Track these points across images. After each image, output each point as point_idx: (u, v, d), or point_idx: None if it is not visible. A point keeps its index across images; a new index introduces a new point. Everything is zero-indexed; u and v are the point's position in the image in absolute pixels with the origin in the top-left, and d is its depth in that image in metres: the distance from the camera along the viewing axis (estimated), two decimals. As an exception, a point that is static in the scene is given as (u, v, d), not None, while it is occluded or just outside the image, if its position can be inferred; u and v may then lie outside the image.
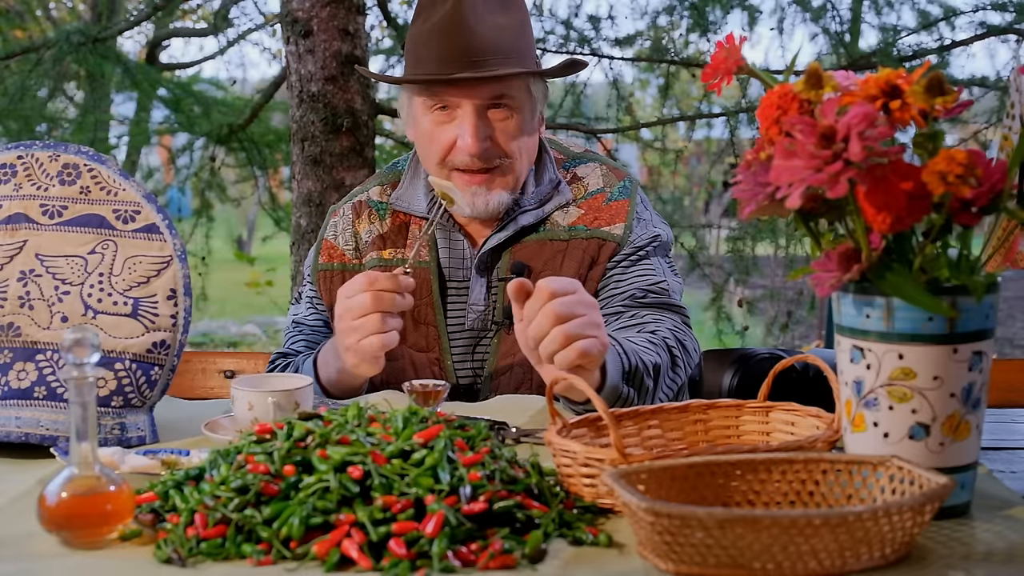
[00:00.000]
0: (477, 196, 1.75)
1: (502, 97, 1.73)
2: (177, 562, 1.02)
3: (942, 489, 0.99)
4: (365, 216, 1.89)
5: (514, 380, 1.78)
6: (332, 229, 1.91)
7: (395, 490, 1.05)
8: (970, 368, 1.08)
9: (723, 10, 4.63)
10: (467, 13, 1.69)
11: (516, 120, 1.75)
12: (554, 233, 1.81)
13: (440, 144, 1.75)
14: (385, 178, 1.93)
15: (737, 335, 4.95)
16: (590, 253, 1.79)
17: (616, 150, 4.90)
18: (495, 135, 1.74)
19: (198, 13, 7.94)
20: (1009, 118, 1.24)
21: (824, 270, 1.09)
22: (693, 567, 0.97)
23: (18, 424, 1.40)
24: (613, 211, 1.82)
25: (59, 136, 4.96)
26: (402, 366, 1.81)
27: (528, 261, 1.79)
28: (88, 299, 1.46)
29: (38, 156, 1.52)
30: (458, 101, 1.73)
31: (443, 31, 1.70)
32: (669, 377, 1.67)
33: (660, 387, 1.64)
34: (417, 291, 1.79)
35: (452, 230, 1.84)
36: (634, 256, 1.80)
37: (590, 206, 1.83)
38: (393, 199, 1.88)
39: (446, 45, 1.70)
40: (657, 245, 1.83)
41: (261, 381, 1.51)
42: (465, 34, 1.69)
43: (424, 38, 1.73)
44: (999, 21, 4.49)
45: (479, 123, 1.72)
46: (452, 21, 1.69)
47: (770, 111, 1.10)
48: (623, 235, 1.80)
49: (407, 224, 1.87)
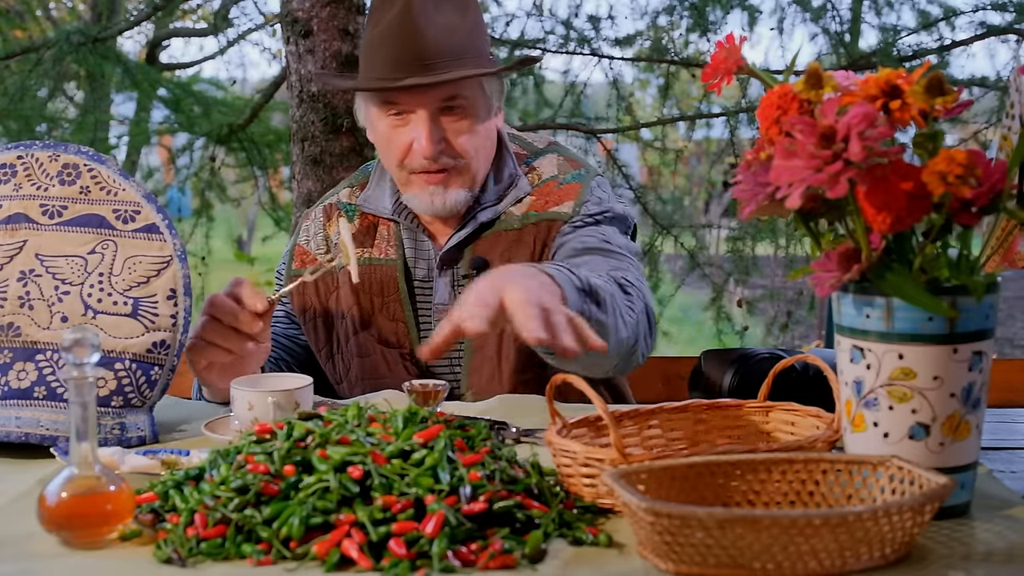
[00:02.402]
0: (435, 196, 1.77)
1: (455, 98, 1.73)
2: (177, 562, 1.02)
3: (942, 489, 0.99)
4: (335, 218, 1.91)
5: (484, 375, 1.78)
6: (304, 234, 1.93)
7: (395, 490, 1.05)
8: (970, 368, 1.08)
9: (723, 10, 4.63)
10: (417, 16, 1.69)
11: (469, 120, 1.76)
12: (508, 223, 1.82)
13: (397, 147, 1.77)
14: (355, 180, 1.96)
15: (737, 335, 4.94)
16: (541, 237, 1.79)
17: (616, 150, 4.89)
18: (449, 137, 1.75)
19: (198, 13, 7.94)
20: (1009, 118, 1.24)
21: (824, 270, 1.09)
22: (693, 567, 0.97)
23: (18, 424, 1.40)
24: (563, 192, 1.82)
25: (59, 136, 4.96)
26: (374, 362, 1.84)
27: (485, 255, 1.81)
28: (88, 299, 1.46)
29: (38, 156, 1.52)
30: (411, 107, 1.74)
31: (393, 35, 1.70)
32: (626, 302, 1.61)
33: (619, 310, 1.57)
34: (385, 288, 1.84)
35: (417, 230, 1.86)
36: (581, 224, 1.78)
37: (541, 192, 1.84)
38: (361, 200, 1.90)
39: (396, 49, 1.70)
40: (612, 217, 1.81)
41: (261, 381, 1.51)
42: (415, 37, 1.69)
43: (376, 43, 1.73)
44: (999, 21, 4.48)
45: (432, 127, 1.73)
46: (401, 25, 1.69)
47: (770, 111, 1.10)
48: (571, 212, 1.80)
49: (375, 225, 1.89)
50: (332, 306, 1.87)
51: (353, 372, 1.85)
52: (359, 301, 1.85)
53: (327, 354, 1.88)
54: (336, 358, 1.88)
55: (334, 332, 1.87)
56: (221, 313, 1.56)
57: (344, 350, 1.87)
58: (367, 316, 1.85)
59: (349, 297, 1.85)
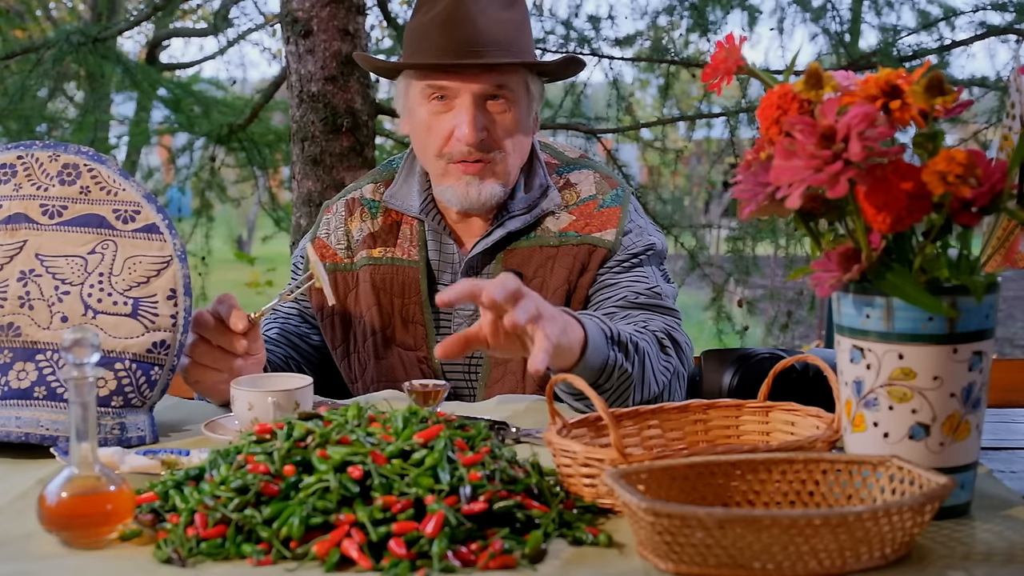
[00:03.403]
0: (471, 186, 1.76)
1: (501, 88, 1.73)
2: (177, 562, 1.02)
3: (942, 489, 0.99)
4: (357, 214, 1.89)
5: (507, 385, 1.78)
6: (325, 227, 1.91)
7: (395, 490, 1.05)
8: (970, 368, 1.08)
9: (723, 10, 4.63)
10: (469, 5, 1.71)
11: (513, 114, 1.76)
12: (544, 239, 1.80)
13: (437, 135, 1.76)
14: (379, 175, 1.93)
15: (737, 335, 4.95)
16: (580, 259, 1.78)
17: (616, 150, 4.89)
18: (492, 127, 1.75)
19: (198, 13, 7.94)
20: (1009, 118, 1.24)
21: (824, 270, 1.09)
22: (693, 567, 0.98)
23: (18, 424, 1.40)
24: (605, 217, 1.81)
25: (59, 136, 4.96)
26: (391, 364, 1.83)
27: (519, 267, 1.79)
28: (88, 299, 1.46)
29: (38, 156, 1.52)
30: (457, 90, 1.73)
31: (444, 22, 1.71)
32: (662, 362, 1.65)
33: (652, 368, 1.61)
34: (406, 289, 1.82)
35: (442, 232, 1.85)
36: (627, 263, 1.79)
37: (581, 212, 1.82)
38: (386, 197, 1.87)
39: (447, 35, 1.71)
40: (652, 253, 1.82)
41: (261, 381, 1.51)
42: (466, 25, 1.70)
43: (424, 29, 1.74)
44: (999, 21, 4.48)
45: (477, 113, 1.73)
46: (453, 12, 1.71)
47: (770, 111, 1.10)
48: (614, 241, 1.79)
49: (399, 223, 1.87)
50: (351, 304, 1.86)
51: (369, 373, 1.84)
52: (379, 301, 1.83)
53: (343, 352, 1.87)
54: (352, 358, 1.86)
55: (351, 331, 1.86)
56: (206, 332, 1.56)
57: (361, 350, 1.85)
58: (386, 317, 1.83)
59: (369, 297, 1.83)
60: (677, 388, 1.71)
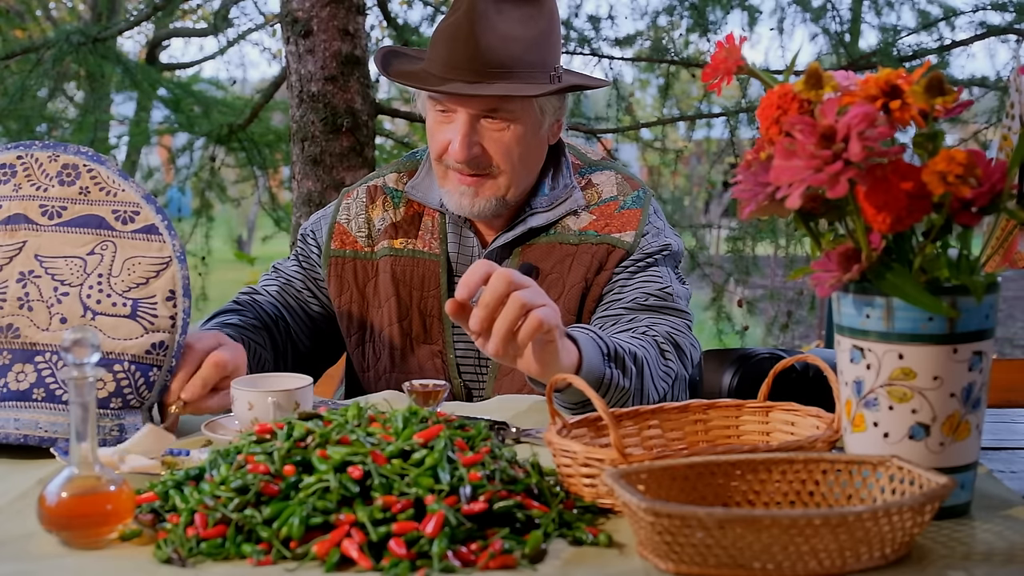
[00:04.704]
0: (464, 196, 1.76)
1: (497, 110, 1.72)
2: (177, 562, 1.02)
3: (942, 489, 0.99)
4: (379, 202, 1.89)
5: (517, 378, 1.78)
6: (345, 212, 1.91)
7: (395, 490, 1.05)
8: (970, 368, 1.08)
9: (723, 10, 4.63)
10: (478, 20, 1.69)
11: (513, 131, 1.74)
12: (564, 237, 1.81)
13: (438, 141, 1.77)
14: (403, 166, 1.93)
15: (737, 335, 4.95)
16: (598, 258, 1.79)
17: (616, 150, 4.90)
18: (486, 144, 1.74)
19: (198, 13, 7.95)
20: (1009, 118, 1.24)
21: (824, 270, 1.09)
22: (693, 567, 0.97)
23: (17, 426, 1.39)
24: (625, 219, 1.82)
25: (59, 136, 4.96)
26: (405, 355, 1.83)
27: (537, 263, 1.80)
28: (87, 300, 1.46)
29: (38, 156, 1.52)
30: (454, 107, 1.74)
31: (452, 35, 1.71)
32: (661, 369, 1.65)
33: (652, 376, 1.61)
34: (425, 283, 1.83)
35: (463, 225, 1.85)
36: (642, 263, 1.79)
37: (602, 212, 1.82)
38: (409, 188, 1.87)
39: (449, 50, 1.71)
40: (667, 255, 1.82)
41: (261, 381, 1.51)
42: (470, 42, 1.69)
43: (438, 36, 1.74)
44: (999, 21, 4.49)
45: (469, 132, 1.72)
46: (461, 27, 1.70)
47: (770, 111, 1.10)
48: (633, 242, 1.79)
49: (420, 215, 1.87)
50: (369, 293, 1.86)
51: (382, 363, 1.85)
52: (398, 293, 1.83)
53: (358, 340, 1.87)
54: (367, 346, 1.87)
55: (368, 320, 1.86)
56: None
57: (376, 340, 1.86)
58: (404, 309, 1.83)
59: (388, 288, 1.84)
60: (678, 394, 1.72)
